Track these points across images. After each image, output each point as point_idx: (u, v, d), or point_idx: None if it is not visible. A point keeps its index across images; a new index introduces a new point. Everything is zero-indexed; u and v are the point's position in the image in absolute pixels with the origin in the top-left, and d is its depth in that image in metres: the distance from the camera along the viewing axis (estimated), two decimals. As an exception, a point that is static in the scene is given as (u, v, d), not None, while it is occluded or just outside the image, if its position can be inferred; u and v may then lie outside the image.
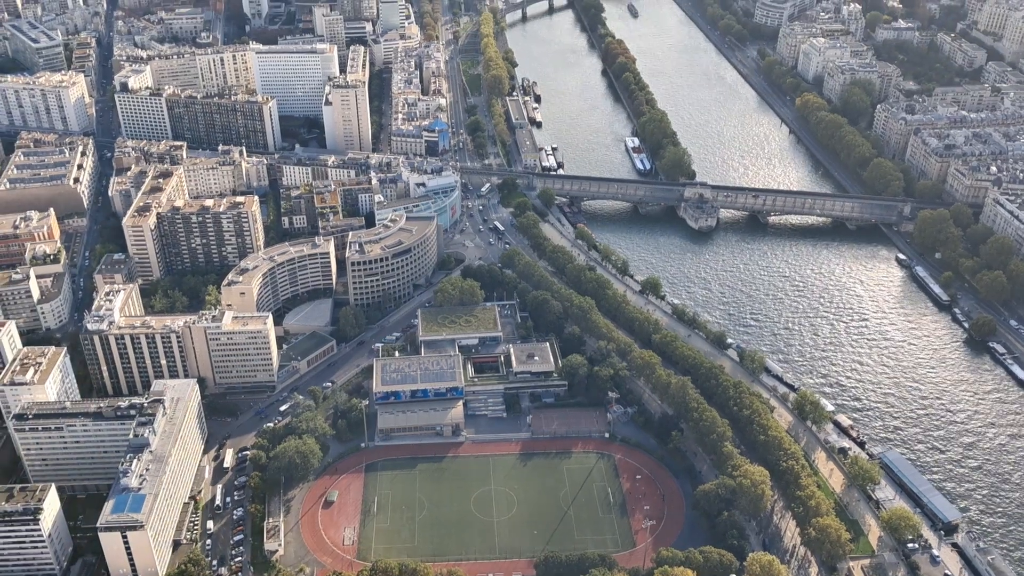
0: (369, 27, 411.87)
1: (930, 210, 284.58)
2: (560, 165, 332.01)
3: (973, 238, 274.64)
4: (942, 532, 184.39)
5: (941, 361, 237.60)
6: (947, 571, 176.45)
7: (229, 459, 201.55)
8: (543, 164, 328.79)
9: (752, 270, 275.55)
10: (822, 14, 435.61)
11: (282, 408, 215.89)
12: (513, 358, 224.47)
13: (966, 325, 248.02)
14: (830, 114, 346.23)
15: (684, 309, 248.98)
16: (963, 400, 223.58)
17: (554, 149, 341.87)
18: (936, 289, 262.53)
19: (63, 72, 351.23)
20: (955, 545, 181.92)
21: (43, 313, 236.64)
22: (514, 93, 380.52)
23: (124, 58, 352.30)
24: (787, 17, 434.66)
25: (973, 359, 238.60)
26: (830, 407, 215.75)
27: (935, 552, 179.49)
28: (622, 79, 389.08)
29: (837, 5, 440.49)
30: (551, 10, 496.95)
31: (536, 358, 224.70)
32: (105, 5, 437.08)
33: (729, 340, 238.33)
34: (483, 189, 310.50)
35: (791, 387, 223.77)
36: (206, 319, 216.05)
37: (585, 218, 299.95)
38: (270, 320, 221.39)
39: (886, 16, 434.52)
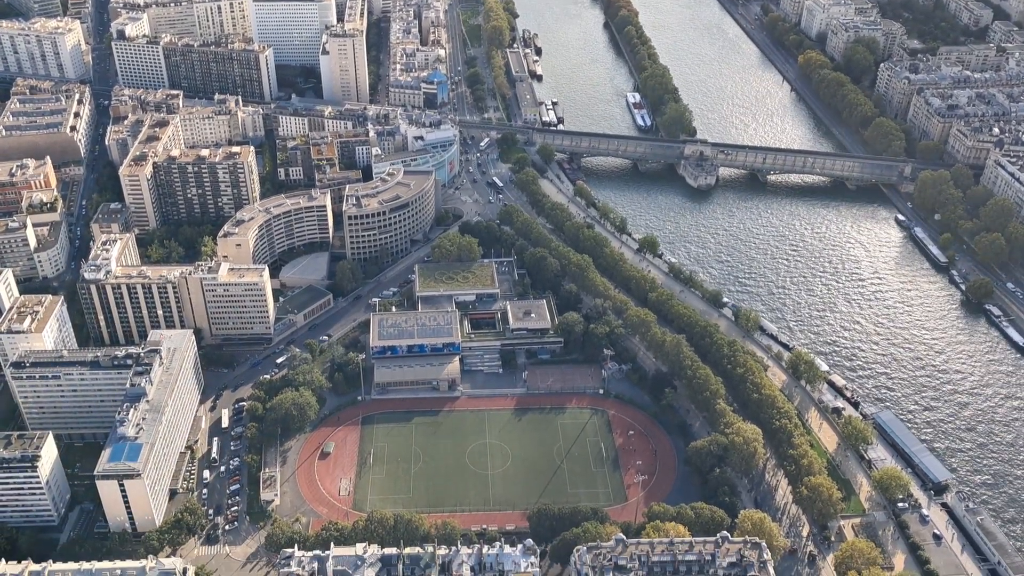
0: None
1: (931, 171, 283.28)
2: (560, 120, 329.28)
3: (973, 200, 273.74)
4: (932, 492, 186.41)
5: (937, 323, 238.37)
6: (936, 530, 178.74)
7: (225, 419, 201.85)
8: (543, 119, 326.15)
9: (750, 229, 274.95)
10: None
11: (279, 360, 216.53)
12: (510, 315, 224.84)
13: (963, 287, 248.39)
14: (833, 72, 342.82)
15: (681, 268, 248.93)
16: (958, 362, 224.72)
17: (554, 104, 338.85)
18: (934, 250, 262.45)
19: (59, 18, 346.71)
20: (945, 505, 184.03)
21: (40, 262, 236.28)
22: (515, 45, 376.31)
23: (121, 5, 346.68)
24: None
25: (969, 321, 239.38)
26: (824, 367, 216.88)
27: (925, 512, 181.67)
28: (624, 33, 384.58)
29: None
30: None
31: (532, 315, 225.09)
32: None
33: (725, 299, 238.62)
34: (482, 144, 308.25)
35: (786, 346, 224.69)
36: (202, 270, 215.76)
37: (584, 175, 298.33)
38: (266, 272, 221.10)
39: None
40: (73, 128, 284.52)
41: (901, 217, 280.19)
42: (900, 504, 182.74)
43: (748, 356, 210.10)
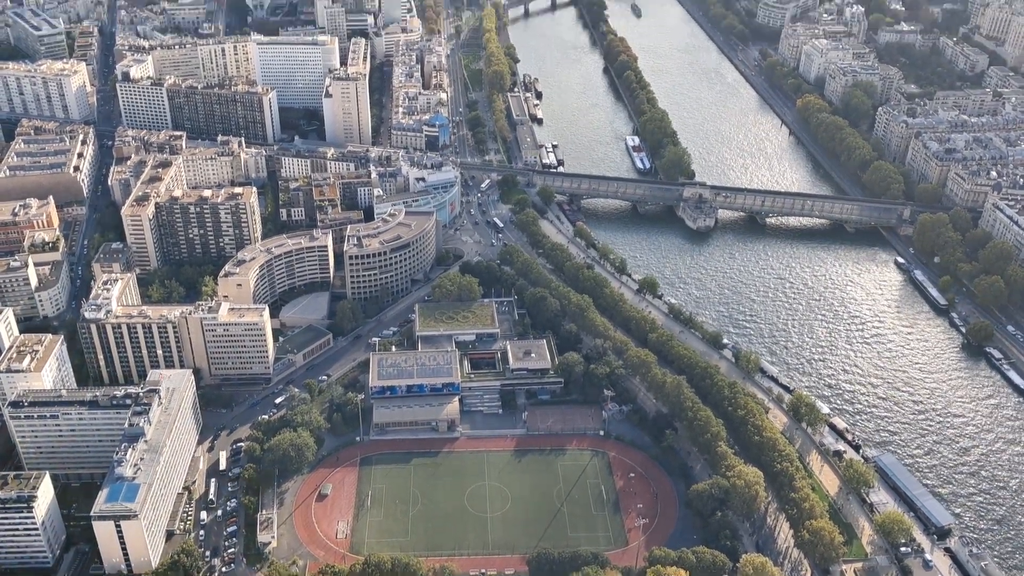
0: (371, 20, 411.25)
1: (930, 214, 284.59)
2: (560, 162, 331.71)
3: (972, 243, 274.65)
4: (935, 536, 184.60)
5: (938, 365, 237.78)
6: (939, 575, 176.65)
7: (223, 461, 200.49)
8: (543, 161, 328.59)
9: (750, 271, 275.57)
10: (824, 15, 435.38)
11: (277, 400, 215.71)
12: (510, 355, 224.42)
13: (963, 330, 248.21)
14: (831, 116, 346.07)
15: (681, 309, 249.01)
16: (959, 405, 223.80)
17: (554, 146, 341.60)
18: (934, 293, 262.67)
19: (65, 60, 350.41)
20: (948, 550, 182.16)
21: (40, 301, 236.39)
22: (515, 89, 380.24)
23: (126, 47, 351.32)
24: (789, 18, 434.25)
25: (970, 364, 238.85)
26: (826, 409, 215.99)
27: (928, 556, 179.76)
28: (623, 77, 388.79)
29: (839, 7, 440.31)
30: (554, 7, 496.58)
31: (533, 355, 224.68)
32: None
33: (725, 340, 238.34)
34: (483, 185, 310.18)
35: (787, 388, 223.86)
36: (202, 310, 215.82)
37: (584, 216, 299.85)
38: (266, 312, 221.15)
39: (888, 18, 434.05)
40: (76, 168, 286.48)
41: (901, 260, 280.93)
42: (903, 548, 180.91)
43: (749, 398, 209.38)
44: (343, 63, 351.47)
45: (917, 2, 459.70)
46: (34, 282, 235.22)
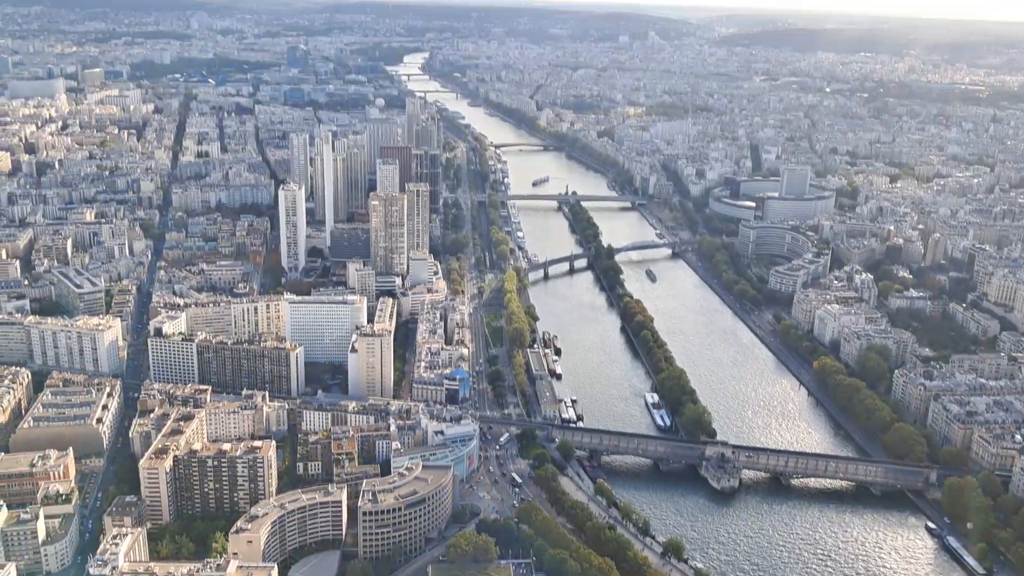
0: (398, 281, 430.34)
1: (957, 477, 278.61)
2: (580, 418, 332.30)
3: (1004, 508, 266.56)
4: None
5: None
6: None
7: None
8: (562, 416, 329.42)
9: (778, 533, 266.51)
10: (835, 282, 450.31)
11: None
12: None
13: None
14: (848, 378, 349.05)
15: (708, 574, 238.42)
16: None
17: (574, 401, 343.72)
18: (971, 561, 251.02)
19: (101, 316, 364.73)
20: None
21: (46, 555, 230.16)
22: (535, 346, 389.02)
23: (162, 305, 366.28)
24: (801, 284, 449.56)
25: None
26: None
27: None
28: (640, 336, 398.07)
29: (849, 274, 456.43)
30: (572, 271, 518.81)
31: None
32: (150, 256, 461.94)
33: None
34: (502, 439, 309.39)
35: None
36: (210, 567, 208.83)
37: (605, 473, 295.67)
38: (275, 571, 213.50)
39: (897, 286, 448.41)
40: (99, 420, 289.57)
41: (931, 525, 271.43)
42: None
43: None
44: (370, 320, 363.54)
45: (924, 271, 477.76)
46: (42, 536, 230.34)
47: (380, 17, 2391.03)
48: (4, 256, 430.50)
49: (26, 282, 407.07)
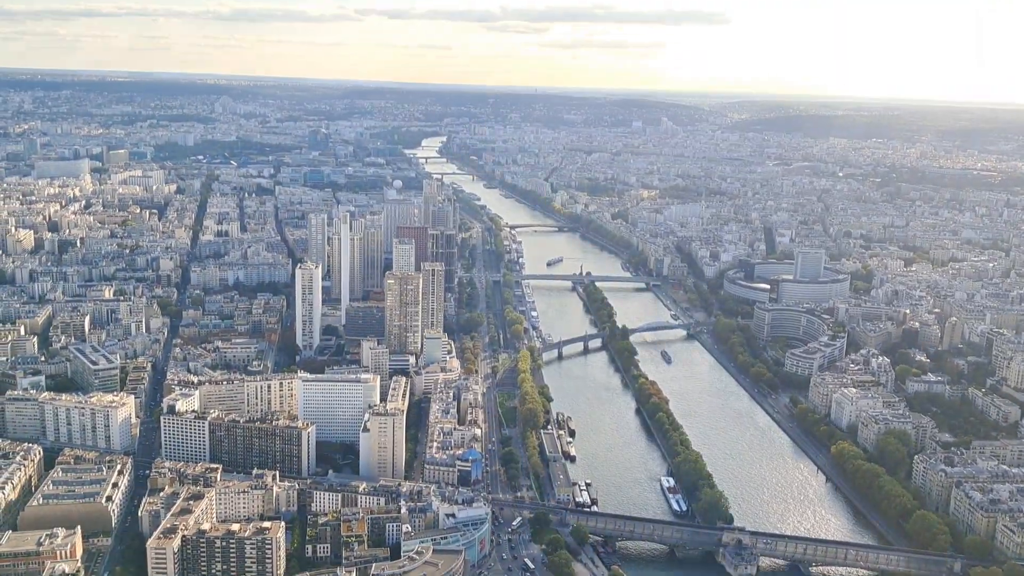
0: (412, 360, 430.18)
1: (982, 568, 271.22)
2: (594, 501, 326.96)
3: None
4: None
5: None
6: None
7: None
8: (576, 500, 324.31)
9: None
10: (852, 365, 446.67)
11: None
12: None
13: None
14: (867, 463, 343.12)
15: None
16: None
17: (588, 485, 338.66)
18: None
19: (115, 393, 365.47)
20: None
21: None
22: (549, 427, 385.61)
23: (176, 382, 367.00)
24: (817, 367, 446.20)
25: None
26: None
27: None
28: (656, 418, 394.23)
29: (866, 357, 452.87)
30: (586, 351, 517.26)
31: None
32: (166, 333, 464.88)
33: None
34: (514, 523, 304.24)
35: None
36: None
37: (620, 559, 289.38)
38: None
39: (915, 369, 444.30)
40: (109, 498, 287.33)
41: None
42: None
43: None
44: (383, 399, 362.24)
45: (941, 355, 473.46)
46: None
47: (399, 102, 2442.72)
48: (23, 332, 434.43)
49: (43, 358, 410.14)
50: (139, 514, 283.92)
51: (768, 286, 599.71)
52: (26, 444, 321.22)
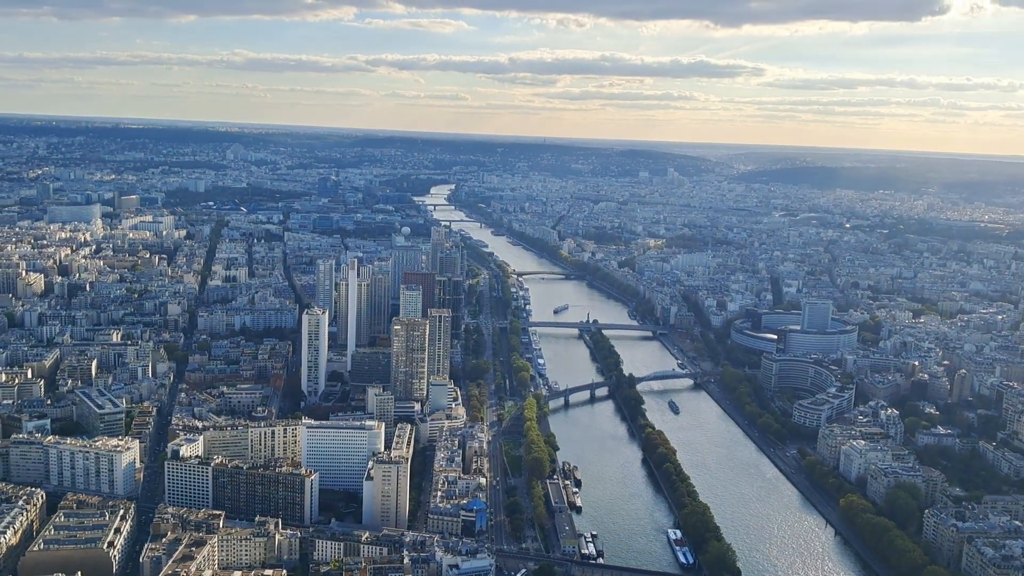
0: (418, 407, 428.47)
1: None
2: (600, 553, 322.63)
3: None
4: None
5: None
6: None
7: None
8: (582, 551, 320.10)
9: None
10: (860, 417, 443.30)
11: None
12: None
13: None
14: (876, 517, 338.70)
15: None
16: None
17: (594, 536, 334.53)
18: None
19: (120, 437, 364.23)
20: None
21: None
22: (554, 476, 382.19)
23: (180, 427, 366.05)
24: (825, 419, 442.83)
25: None
26: None
27: None
28: (663, 469, 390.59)
29: (874, 409, 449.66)
30: (593, 399, 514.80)
31: None
32: (172, 377, 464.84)
33: None
34: (519, 575, 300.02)
35: None
36: None
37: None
38: None
39: (924, 422, 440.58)
40: (111, 544, 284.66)
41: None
42: None
43: None
44: (387, 446, 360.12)
45: (951, 407, 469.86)
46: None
47: (409, 151, 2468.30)
48: (30, 375, 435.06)
49: (49, 402, 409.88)
50: (141, 560, 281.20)
51: (775, 336, 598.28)
52: (29, 488, 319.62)
